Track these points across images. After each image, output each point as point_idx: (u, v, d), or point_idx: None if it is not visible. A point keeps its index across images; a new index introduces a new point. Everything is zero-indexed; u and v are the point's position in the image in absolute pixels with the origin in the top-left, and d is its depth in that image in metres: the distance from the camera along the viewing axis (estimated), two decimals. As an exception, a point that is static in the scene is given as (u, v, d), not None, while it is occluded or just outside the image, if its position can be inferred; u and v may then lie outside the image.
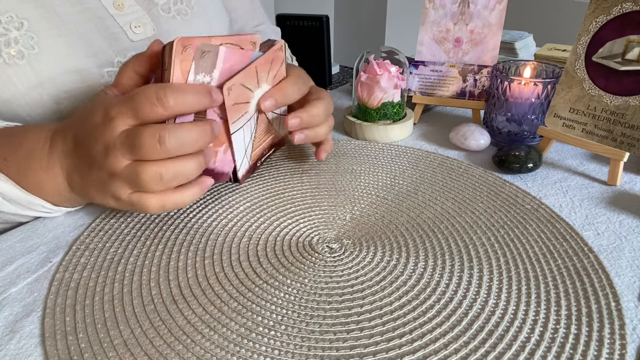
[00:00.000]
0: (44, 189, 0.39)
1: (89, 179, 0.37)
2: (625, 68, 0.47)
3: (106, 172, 0.35)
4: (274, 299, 0.33)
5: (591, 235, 0.40)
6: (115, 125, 0.34)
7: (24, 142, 0.39)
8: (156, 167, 0.34)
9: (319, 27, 1.50)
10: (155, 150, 0.33)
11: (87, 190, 0.38)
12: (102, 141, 0.34)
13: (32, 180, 0.38)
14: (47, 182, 0.39)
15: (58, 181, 0.39)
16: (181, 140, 0.33)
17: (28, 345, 0.30)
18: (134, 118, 0.34)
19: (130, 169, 0.34)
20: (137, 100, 0.33)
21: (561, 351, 0.29)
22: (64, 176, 0.38)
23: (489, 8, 0.59)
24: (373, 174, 0.51)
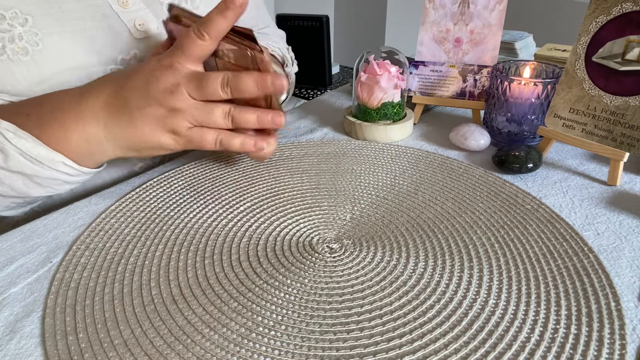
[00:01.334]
0: (69, 138, 0.40)
1: (142, 118, 0.39)
2: (625, 68, 0.47)
3: (167, 109, 0.39)
4: (274, 299, 0.33)
5: (591, 235, 0.40)
6: (177, 68, 0.38)
7: (50, 99, 0.41)
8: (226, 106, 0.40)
9: (319, 27, 1.49)
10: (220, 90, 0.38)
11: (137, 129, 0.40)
12: (164, 81, 0.38)
13: (57, 129, 0.39)
14: (74, 130, 0.39)
15: (90, 128, 0.40)
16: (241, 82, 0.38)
17: (28, 345, 0.30)
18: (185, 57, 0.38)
19: (201, 105, 0.39)
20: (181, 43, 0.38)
21: (561, 351, 0.29)
22: (99, 122, 0.40)
23: (489, 8, 0.59)
24: (373, 174, 0.51)
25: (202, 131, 0.40)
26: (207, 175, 0.50)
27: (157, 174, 0.50)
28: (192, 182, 0.49)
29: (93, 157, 0.42)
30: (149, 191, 0.47)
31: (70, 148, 0.40)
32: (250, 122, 0.41)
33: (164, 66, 0.39)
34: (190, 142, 0.41)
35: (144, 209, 0.44)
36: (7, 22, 0.42)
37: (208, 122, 0.40)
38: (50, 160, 0.39)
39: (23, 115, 0.39)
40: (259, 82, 0.39)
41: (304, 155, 0.55)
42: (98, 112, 0.40)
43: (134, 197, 0.46)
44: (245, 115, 0.40)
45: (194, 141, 0.40)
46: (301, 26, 1.51)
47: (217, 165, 0.52)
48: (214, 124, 0.40)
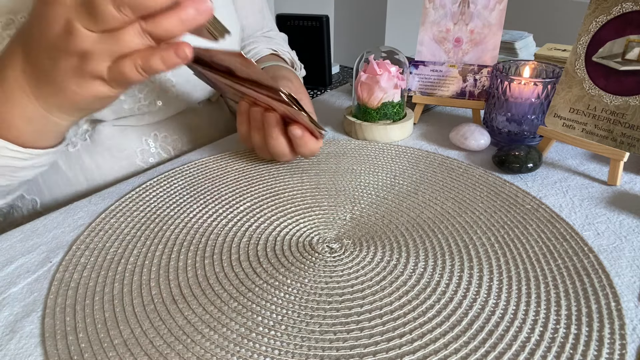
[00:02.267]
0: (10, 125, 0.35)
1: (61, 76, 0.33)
2: (625, 68, 0.47)
3: (75, 55, 0.31)
4: (274, 299, 0.33)
5: (591, 235, 0.40)
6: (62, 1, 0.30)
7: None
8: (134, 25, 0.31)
9: (319, 27, 1.49)
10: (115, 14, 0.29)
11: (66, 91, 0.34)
12: (56, 21, 0.31)
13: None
14: (11, 114, 0.35)
15: (24, 107, 0.35)
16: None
17: (28, 345, 0.30)
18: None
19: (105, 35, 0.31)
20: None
21: (561, 351, 0.29)
22: (30, 94, 0.35)
23: (489, 8, 0.58)
24: (373, 174, 0.51)
25: (119, 64, 0.32)
26: (207, 175, 0.50)
27: (157, 174, 0.50)
28: (192, 182, 0.49)
29: (47, 134, 0.38)
30: (149, 191, 0.47)
31: (16, 131, 0.36)
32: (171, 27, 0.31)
33: (46, 3, 0.31)
34: (118, 82, 0.33)
35: (144, 209, 0.44)
36: (15, 26, 0.41)
37: (124, 51, 0.32)
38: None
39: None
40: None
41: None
42: (23, 86, 0.35)
43: (134, 197, 0.46)
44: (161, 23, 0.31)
45: (118, 79, 0.33)
46: (301, 26, 1.51)
47: (217, 165, 0.52)
48: (133, 49, 0.32)
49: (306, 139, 0.46)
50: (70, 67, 0.32)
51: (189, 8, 0.31)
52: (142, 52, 0.32)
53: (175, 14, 0.31)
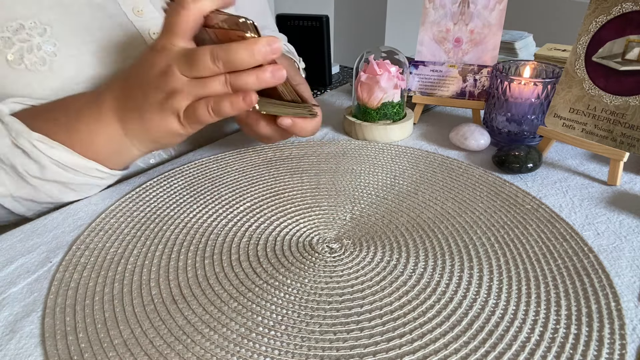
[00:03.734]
0: (96, 142, 0.41)
1: (147, 106, 0.39)
2: (625, 68, 0.47)
3: (165, 92, 0.38)
4: (274, 299, 0.33)
5: (591, 235, 0.40)
6: (167, 48, 0.37)
7: (74, 102, 0.42)
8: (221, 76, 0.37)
9: (319, 27, 1.49)
10: (210, 66, 0.36)
11: (146, 120, 0.39)
12: (158, 65, 0.38)
13: (85, 134, 0.40)
14: (100, 131, 0.40)
15: (111, 128, 0.40)
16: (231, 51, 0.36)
17: (28, 345, 0.30)
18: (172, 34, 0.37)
19: (196, 81, 0.37)
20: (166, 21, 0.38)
21: (561, 351, 0.29)
22: (116, 117, 0.40)
23: (489, 8, 0.58)
24: (373, 174, 0.51)
25: (194, 104, 0.38)
26: (207, 175, 0.50)
27: (157, 174, 0.50)
28: (192, 182, 0.49)
29: (120, 157, 0.43)
30: (149, 191, 0.47)
31: (98, 151, 0.41)
32: (248, 81, 0.38)
33: (155, 50, 0.38)
34: (190, 120, 0.39)
35: (144, 209, 0.44)
36: (25, 31, 0.42)
37: (207, 94, 0.38)
38: (84, 167, 0.41)
39: (51, 120, 0.40)
40: (253, 49, 0.36)
41: (304, 155, 0.55)
42: (114, 110, 0.40)
43: (134, 197, 0.46)
44: (242, 77, 0.38)
45: (191, 118, 0.39)
46: (301, 26, 1.51)
47: (217, 165, 0.52)
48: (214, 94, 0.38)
49: (298, 125, 0.47)
50: (157, 100, 0.38)
51: (266, 72, 0.38)
52: (216, 97, 0.38)
53: (254, 72, 0.38)
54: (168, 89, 0.38)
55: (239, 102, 0.38)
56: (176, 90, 0.37)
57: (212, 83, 0.37)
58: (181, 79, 0.37)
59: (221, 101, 0.38)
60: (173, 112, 0.39)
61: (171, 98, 0.38)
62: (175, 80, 0.37)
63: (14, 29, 0.41)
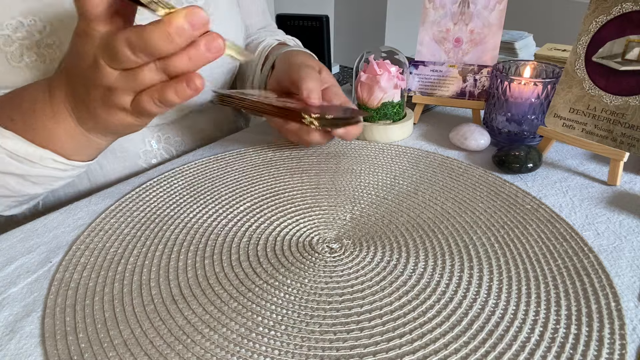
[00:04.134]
0: (55, 139, 0.39)
1: (93, 103, 0.36)
2: (625, 68, 0.47)
3: (102, 87, 0.34)
4: (274, 299, 0.33)
5: (591, 235, 0.40)
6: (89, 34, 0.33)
7: (26, 98, 0.39)
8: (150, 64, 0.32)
9: (319, 27, 1.49)
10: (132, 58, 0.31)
11: (97, 117, 0.37)
12: (86, 57, 0.33)
13: (42, 132, 0.38)
14: (57, 129, 0.38)
15: (68, 124, 0.38)
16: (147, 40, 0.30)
17: (28, 345, 0.30)
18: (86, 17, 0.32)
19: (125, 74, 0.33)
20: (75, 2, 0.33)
21: (561, 351, 0.29)
22: (71, 115, 0.38)
23: (489, 8, 0.58)
24: (373, 174, 0.51)
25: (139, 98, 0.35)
26: (207, 175, 0.50)
27: (157, 174, 0.50)
28: (192, 182, 0.49)
29: (89, 150, 0.41)
30: (149, 191, 0.47)
31: (59, 144, 0.39)
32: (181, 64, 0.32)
33: (78, 36, 0.34)
34: (141, 115, 0.36)
35: (144, 209, 0.44)
36: (25, 29, 0.42)
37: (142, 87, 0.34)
38: (39, 158, 0.39)
39: (7, 120, 0.38)
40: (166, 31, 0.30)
41: (303, 155, 0.55)
42: (66, 107, 0.38)
43: (134, 197, 0.46)
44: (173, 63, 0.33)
45: (141, 112, 0.36)
46: (301, 26, 1.51)
47: (217, 165, 0.52)
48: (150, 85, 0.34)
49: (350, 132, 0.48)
50: (99, 97, 0.35)
51: (199, 46, 0.32)
52: (158, 86, 0.34)
53: (185, 53, 0.32)
54: (103, 85, 0.34)
55: (185, 90, 0.34)
56: (111, 86, 0.34)
57: (143, 74, 0.33)
58: (112, 73, 0.33)
59: (165, 92, 0.34)
60: (119, 108, 0.35)
61: (110, 94, 0.34)
62: (106, 75, 0.33)
63: (13, 27, 0.41)
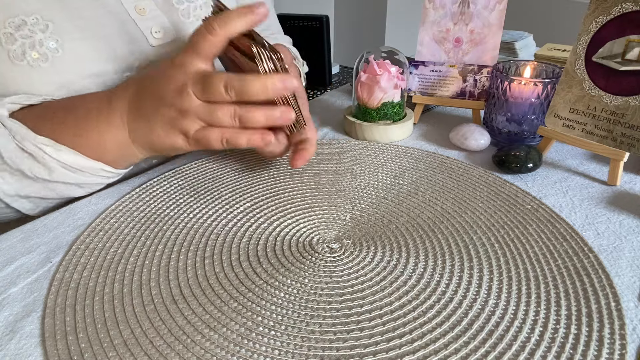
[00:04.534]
0: (103, 145, 0.41)
1: (157, 120, 0.39)
2: (625, 68, 0.47)
3: (177, 110, 0.38)
4: (274, 299, 0.33)
5: (591, 235, 0.40)
6: (186, 66, 0.38)
7: (82, 104, 0.42)
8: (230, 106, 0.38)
9: (319, 27, 1.49)
10: (222, 93, 0.37)
11: (153, 132, 0.40)
12: (174, 81, 0.38)
13: (92, 136, 0.41)
14: (108, 135, 0.41)
15: (119, 132, 0.41)
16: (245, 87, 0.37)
17: (28, 345, 0.30)
18: (195, 54, 0.38)
19: (206, 106, 0.38)
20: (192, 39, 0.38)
21: (561, 351, 0.29)
22: (125, 126, 0.41)
23: (489, 8, 0.58)
24: (373, 174, 0.51)
25: (207, 131, 0.39)
26: (207, 175, 0.50)
27: (157, 174, 0.50)
28: (192, 182, 0.49)
29: (126, 159, 0.44)
30: (149, 191, 0.47)
31: (104, 152, 0.42)
32: (258, 119, 0.39)
33: (175, 64, 0.39)
34: (198, 143, 0.40)
35: (144, 209, 0.44)
36: (28, 27, 0.42)
37: (213, 122, 0.39)
38: (90, 169, 0.42)
39: (58, 123, 0.40)
40: (266, 84, 0.37)
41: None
42: (123, 116, 0.41)
43: (134, 197, 0.46)
44: (252, 114, 0.39)
45: (201, 142, 0.40)
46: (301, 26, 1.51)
47: (217, 165, 0.52)
48: (220, 123, 0.39)
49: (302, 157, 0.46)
50: (168, 116, 0.39)
51: (276, 111, 0.39)
52: (232, 130, 0.39)
53: (263, 110, 0.39)
54: (180, 108, 0.38)
55: (257, 140, 0.40)
56: (188, 111, 0.38)
57: (221, 113, 0.38)
58: (194, 100, 0.38)
59: (238, 136, 0.39)
60: (181, 132, 0.39)
61: (182, 118, 0.39)
62: (188, 100, 0.38)
63: (16, 25, 0.41)
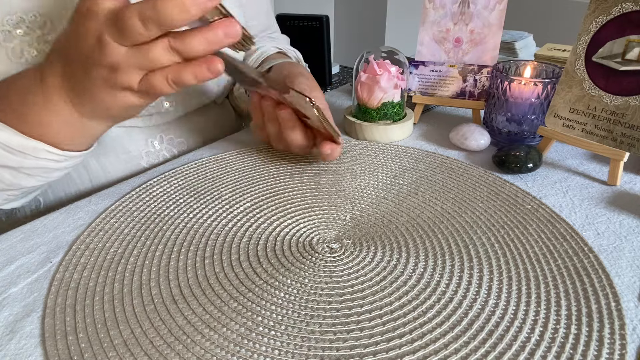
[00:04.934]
0: (48, 127, 0.37)
1: (94, 84, 0.34)
2: (625, 68, 0.47)
3: (106, 67, 0.33)
4: (274, 299, 0.33)
5: (591, 235, 0.40)
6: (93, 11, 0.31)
7: (13, 87, 0.38)
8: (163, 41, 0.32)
9: (319, 27, 1.49)
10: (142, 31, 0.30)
11: (97, 99, 0.35)
12: (89, 34, 0.32)
13: (34, 121, 0.36)
14: (50, 117, 0.37)
15: (62, 111, 0.36)
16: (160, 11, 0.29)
17: (28, 345, 0.30)
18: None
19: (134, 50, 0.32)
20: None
21: (561, 351, 0.29)
22: (67, 100, 0.36)
23: (489, 8, 0.58)
24: (373, 174, 0.51)
25: (149, 77, 0.34)
26: (207, 175, 0.50)
27: (157, 174, 0.50)
28: (192, 182, 0.49)
29: (82, 137, 0.40)
30: (149, 191, 0.47)
31: (52, 133, 0.38)
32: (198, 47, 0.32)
33: (81, 14, 0.32)
34: (148, 94, 0.35)
35: (144, 209, 0.44)
36: (26, 25, 0.42)
37: (152, 66, 0.33)
38: (32, 149, 0.37)
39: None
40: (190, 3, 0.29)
41: (304, 155, 0.55)
42: (61, 91, 0.36)
43: (134, 197, 0.46)
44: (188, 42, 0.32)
45: (149, 92, 0.35)
46: (301, 26, 1.51)
47: (217, 165, 0.52)
48: (161, 65, 0.33)
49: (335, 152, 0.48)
50: (102, 77, 0.33)
51: (217, 30, 0.32)
52: (174, 67, 0.33)
53: (202, 34, 0.32)
54: (108, 63, 0.32)
55: (204, 72, 0.33)
56: (117, 64, 0.32)
57: (155, 51, 0.32)
58: (118, 50, 0.32)
59: (182, 72, 0.33)
60: (124, 88, 0.34)
61: (115, 73, 0.33)
62: (111, 52, 0.32)
63: (14, 23, 0.41)
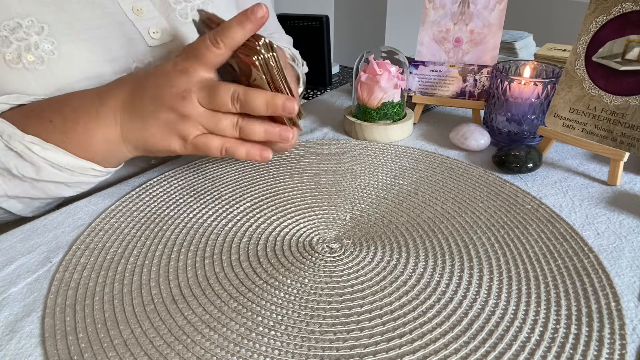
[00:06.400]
0: (91, 142, 0.40)
1: (154, 121, 0.40)
2: (625, 68, 0.47)
3: (178, 114, 0.39)
4: (274, 299, 0.33)
5: (591, 235, 0.40)
6: (189, 74, 0.39)
7: (70, 102, 0.41)
8: (234, 117, 0.39)
9: (319, 27, 1.49)
10: (228, 104, 0.38)
11: (148, 132, 0.40)
12: (177, 86, 0.38)
13: (81, 133, 0.40)
14: (97, 132, 0.40)
15: (109, 129, 0.40)
16: (251, 100, 0.38)
17: (28, 345, 0.30)
18: (198, 63, 0.38)
19: (210, 114, 0.39)
20: (196, 49, 0.39)
21: (561, 351, 0.29)
22: (118, 123, 0.40)
23: (489, 8, 0.58)
24: (373, 174, 0.51)
25: (208, 138, 0.40)
26: (207, 175, 0.50)
27: (157, 174, 0.50)
28: (192, 182, 0.49)
29: (114, 158, 0.43)
30: (149, 191, 0.47)
31: (93, 150, 0.41)
32: (257, 134, 0.40)
33: (177, 70, 0.39)
34: (196, 149, 0.40)
35: (144, 208, 0.44)
36: (23, 30, 0.42)
37: (216, 130, 0.40)
38: (79, 168, 0.41)
39: (46, 121, 0.40)
40: (270, 103, 0.38)
41: (304, 155, 0.55)
42: (116, 113, 0.40)
43: (134, 196, 0.46)
44: (252, 127, 0.40)
45: (199, 147, 0.40)
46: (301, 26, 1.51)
47: (217, 165, 0.52)
48: (222, 132, 0.40)
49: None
50: (167, 119, 0.39)
51: (276, 128, 0.40)
52: (234, 141, 0.40)
53: (265, 126, 0.40)
54: (182, 113, 0.39)
55: (255, 156, 0.41)
56: (190, 117, 0.39)
57: (224, 123, 0.39)
58: (198, 107, 0.39)
59: (238, 147, 0.40)
60: (180, 136, 0.40)
61: (182, 122, 0.39)
62: (191, 107, 0.38)
63: (11, 28, 0.41)
